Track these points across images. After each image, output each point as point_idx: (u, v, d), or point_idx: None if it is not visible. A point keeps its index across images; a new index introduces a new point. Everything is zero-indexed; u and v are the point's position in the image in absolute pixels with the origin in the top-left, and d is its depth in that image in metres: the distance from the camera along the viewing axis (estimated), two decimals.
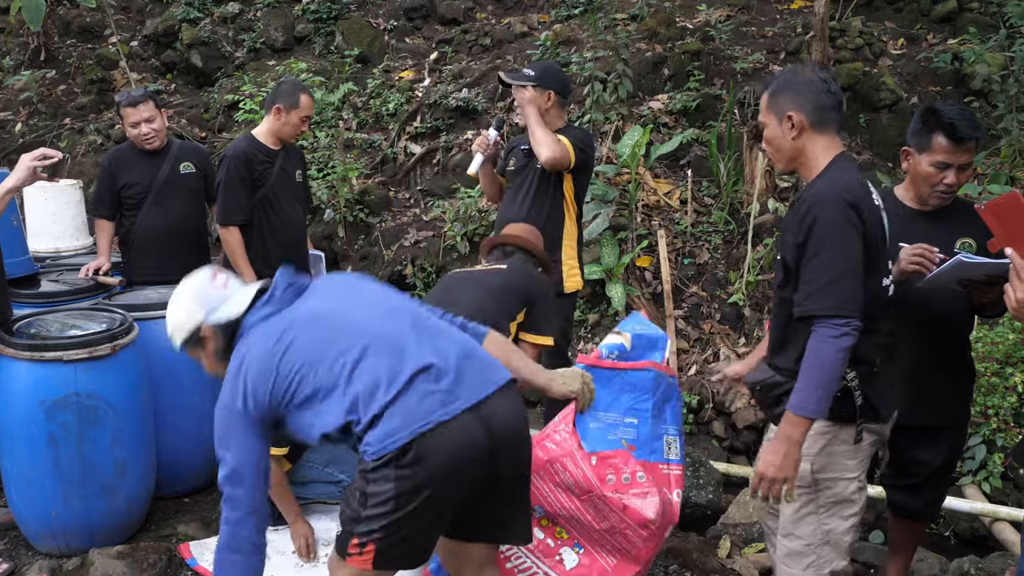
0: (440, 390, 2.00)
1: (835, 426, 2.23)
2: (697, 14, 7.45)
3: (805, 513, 2.29)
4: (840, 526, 2.29)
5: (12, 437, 3.23)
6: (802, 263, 2.13)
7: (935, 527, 3.77)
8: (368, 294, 2.26)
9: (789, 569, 2.35)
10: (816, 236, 2.10)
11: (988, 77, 6.11)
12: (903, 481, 2.88)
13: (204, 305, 2.21)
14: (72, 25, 9.08)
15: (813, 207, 2.12)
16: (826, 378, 2.07)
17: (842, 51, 6.64)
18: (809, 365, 2.08)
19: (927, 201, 2.64)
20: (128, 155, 4.17)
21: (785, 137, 2.25)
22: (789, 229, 2.21)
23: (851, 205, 2.11)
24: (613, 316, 5.36)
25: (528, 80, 3.66)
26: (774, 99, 2.28)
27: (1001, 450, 3.74)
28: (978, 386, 3.84)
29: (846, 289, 2.07)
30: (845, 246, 2.09)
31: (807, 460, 2.23)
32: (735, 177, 5.66)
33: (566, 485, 2.45)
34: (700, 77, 6.59)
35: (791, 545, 2.33)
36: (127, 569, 3.07)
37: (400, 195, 6.92)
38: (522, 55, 7.44)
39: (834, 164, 2.22)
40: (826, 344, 2.06)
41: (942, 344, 2.71)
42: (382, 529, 1.98)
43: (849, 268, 2.08)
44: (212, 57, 8.59)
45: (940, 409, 2.73)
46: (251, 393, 2.06)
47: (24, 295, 3.79)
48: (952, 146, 2.51)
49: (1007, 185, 5.35)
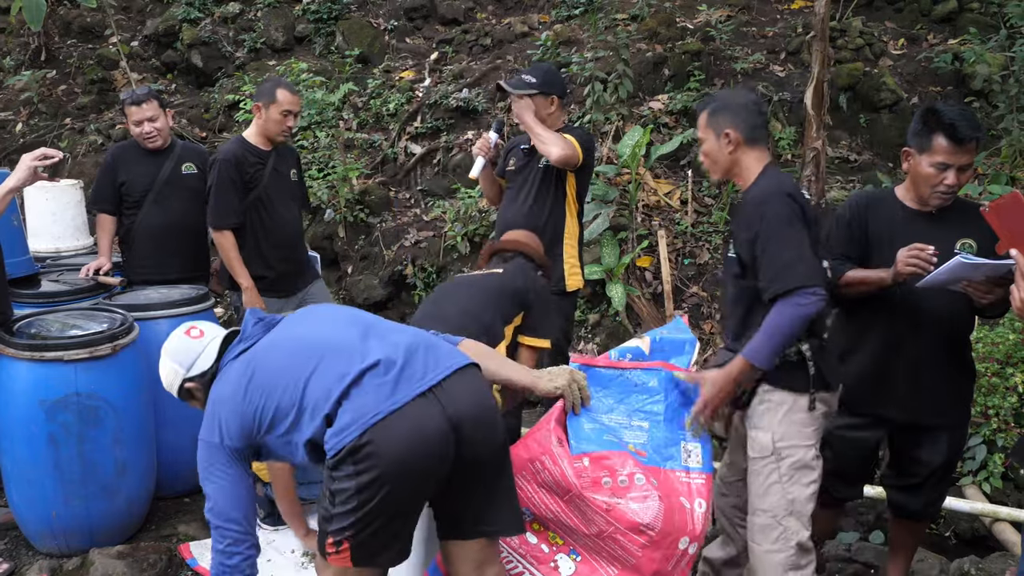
0: (388, 380, 2.04)
1: (792, 395, 2.46)
2: (697, 14, 7.45)
3: (770, 484, 2.48)
4: (802, 494, 2.48)
5: (12, 437, 3.23)
6: (758, 254, 2.39)
7: (935, 527, 3.77)
8: (328, 315, 2.36)
9: (759, 546, 2.51)
10: (768, 227, 2.37)
11: (988, 77, 6.11)
12: (903, 481, 2.88)
13: (183, 364, 2.34)
14: (73, 25, 9.08)
15: (761, 204, 2.41)
16: (781, 336, 2.35)
17: (842, 51, 6.64)
18: (770, 322, 2.35)
19: (928, 202, 2.65)
20: (131, 153, 4.17)
21: (722, 151, 2.54)
22: (740, 227, 2.48)
23: (792, 198, 2.41)
24: (613, 316, 5.36)
25: (531, 88, 3.63)
26: (713, 118, 2.56)
27: (1001, 450, 3.74)
28: (978, 386, 3.84)
29: (806, 264, 2.34)
30: (795, 231, 2.36)
31: (768, 432, 2.48)
32: None
33: (548, 485, 2.37)
34: (700, 77, 6.59)
35: (759, 521, 2.51)
36: (127, 569, 3.07)
37: (400, 195, 6.92)
38: (522, 55, 7.44)
39: (766, 171, 2.52)
40: (791, 308, 2.32)
41: (943, 344, 2.71)
42: (352, 526, 2.00)
43: (803, 249, 2.35)
44: (212, 57, 8.59)
45: (941, 409, 2.74)
46: (225, 427, 2.15)
47: (24, 295, 3.79)
48: (953, 147, 2.52)
49: (1007, 185, 5.34)
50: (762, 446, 2.48)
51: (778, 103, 6.30)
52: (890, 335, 2.71)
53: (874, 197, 2.82)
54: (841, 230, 2.76)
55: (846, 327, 2.78)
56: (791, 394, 2.47)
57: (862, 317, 2.74)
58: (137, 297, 3.84)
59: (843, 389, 2.65)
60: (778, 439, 2.47)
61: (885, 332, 2.72)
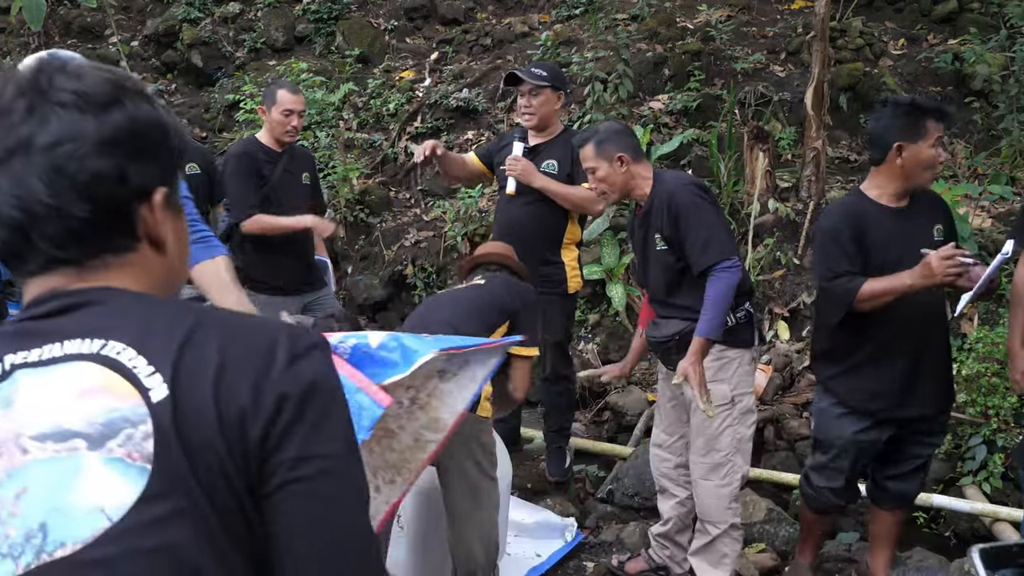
0: None
1: (741, 351, 2.88)
2: (698, 14, 7.45)
3: (725, 427, 2.88)
4: (746, 433, 2.94)
5: None
6: (682, 240, 2.77)
7: (935, 527, 3.77)
8: None
9: (710, 482, 2.92)
10: (684, 215, 2.76)
11: (989, 77, 6.11)
12: (901, 469, 2.95)
13: None
14: (73, 25, 9.07)
15: (671, 198, 2.79)
16: (723, 307, 2.72)
17: (843, 51, 6.64)
18: (710, 300, 2.70)
19: (925, 185, 2.81)
20: None
21: (617, 173, 2.88)
22: (662, 224, 2.83)
23: (694, 184, 2.88)
24: (614, 316, 5.36)
25: (544, 81, 3.60)
26: (600, 148, 2.89)
27: (1001, 450, 3.74)
28: (979, 386, 3.84)
29: (722, 238, 2.75)
30: (706, 213, 2.77)
31: (727, 383, 2.86)
32: (735, 177, 5.66)
33: None
34: (700, 77, 6.59)
35: (712, 459, 2.91)
36: None
37: (400, 195, 6.92)
38: (523, 55, 7.44)
39: (658, 176, 2.93)
40: (721, 282, 2.70)
41: (937, 332, 2.86)
42: None
43: (715, 226, 2.77)
44: (213, 57, 8.59)
45: (944, 396, 2.92)
46: None
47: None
48: (941, 126, 2.73)
49: (1007, 185, 5.35)
50: (722, 395, 2.84)
51: (778, 103, 6.30)
52: (892, 334, 2.75)
53: (856, 205, 2.82)
54: (842, 245, 2.71)
55: (848, 337, 2.81)
56: (741, 350, 2.88)
57: (857, 324, 2.76)
58: None
59: (861, 395, 2.80)
60: (733, 388, 2.87)
61: (887, 332, 2.75)
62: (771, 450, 4.26)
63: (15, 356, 0.83)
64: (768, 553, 3.43)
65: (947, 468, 3.90)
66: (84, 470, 0.77)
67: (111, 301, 0.87)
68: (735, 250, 2.78)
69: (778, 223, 5.40)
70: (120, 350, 0.82)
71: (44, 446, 0.77)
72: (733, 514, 2.94)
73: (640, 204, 2.97)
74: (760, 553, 3.43)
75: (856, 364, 2.81)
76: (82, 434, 0.78)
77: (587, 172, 2.99)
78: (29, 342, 0.84)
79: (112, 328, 0.84)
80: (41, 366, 0.82)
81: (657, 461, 3.18)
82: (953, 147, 5.92)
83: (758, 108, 6.32)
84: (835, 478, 2.93)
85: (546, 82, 3.60)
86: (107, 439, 0.78)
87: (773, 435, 4.33)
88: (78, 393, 0.79)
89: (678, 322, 2.89)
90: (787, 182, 5.71)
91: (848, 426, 2.84)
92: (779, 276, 5.19)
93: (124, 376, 0.80)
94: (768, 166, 5.53)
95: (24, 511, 0.75)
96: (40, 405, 0.79)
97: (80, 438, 0.77)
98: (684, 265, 2.83)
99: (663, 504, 3.21)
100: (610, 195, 2.97)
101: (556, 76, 3.68)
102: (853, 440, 2.85)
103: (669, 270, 2.88)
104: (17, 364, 0.82)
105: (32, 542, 0.75)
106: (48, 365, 0.82)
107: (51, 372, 0.81)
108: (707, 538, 2.97)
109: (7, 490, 0.76)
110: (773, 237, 5.34)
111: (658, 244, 2.88)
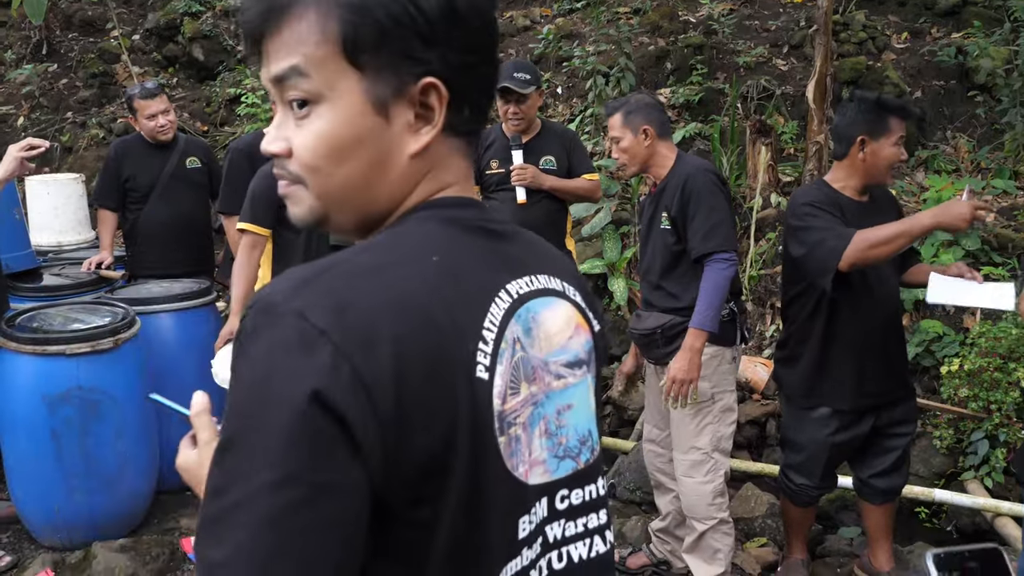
0: None
1: (722, 349, 2.88)
2: (700, 8, 7.43)
3: (705, 424, 2.90)
4: (727, 432, 2.95)
5: (15, 431, 3.23)
6: (687, 221, 2.76)
7: (936, 521, 3.77)
8: None
9: (693, 479, 2.93)
10: (695, 198, 2.75)
11: (992, 71, 6.08)
12: (882, 465, 2.98)
13: None
14: (74, 19, 9.07)
15: (687, 180, 2.77)
16: (718, 300, 2.71)
17: (845, 45, 6.62)
18: (706, 291, 2.71)
19: (885, 181, 2.86)
20: (135, 147, 4.16)
21: (641, 145, 2.87)
22: (672, 203, 2.81)
23: (713, 173, 2.85)
24: (615, 310, 5.36)
25: (533, 86, 3.53)
26: (628, 117, 2.87)
27: (1003, 445, 3.74)
28: (980, 381, 3.84)
29: (726, 230, 2.75)
30: (718, 201, 2.76)
31: (707, 381, 2.84)
32: (738, 171, 5.65)
33: None
34: (703, 71, 6.57)
35: (693, 457, 2.92)
36: (130, 562, 3.08)
37: None
38: (524, 49, 7.42)
39: (680, 157, 2.90)
40: (717, 274, 2.71)
41: (895, 316, 2.95)
42: None
43: (724, 216, 2.76)
44: (214, 51, 8.57)
45: (901, 380, 2.98)
46: None
47: (26, 289, 3.79)
48: (903, 125, 2.77)
49: (1010, 180, 5.34)
50: (702, 392, 2.84)
51: (781, 97, 6.29)
52: (857, 322, 2.80)
53: (826, 194, 2.83)
54: (828, 210, 2.72)
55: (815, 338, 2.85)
56: (722, 348, 2.88)
57: (821, 322, 2.83)
58: (139, 291, 3.84)
59: (835, 395, 2.84)
60: (712, 385, 2.88)
61: (852, 322, 2.80)
62: (772, 444, 4.25)
63: (516, 285, 0.89)
64: (770, 547, 3.44)
65: (949, 463, 3.90)
66: (590, 389, 0.97)
67: (520, 234, 0.97)
68: (736, 246, 2.79)
69: (780, 217, 5.39)
70: (568, 289, 0.96)
71: (574, 372, 0.94)
72: (718, 509, 2.95)
73: (655, 183, 2.96)
74: (762, 547, 3.43)
75: (819, 362, 2.85)
76: (584, 361, 0.96)
77: (611, 141, 2.96)
78: (515, 270, 0.90)
79: (538, 265, 0.94)
80: (538, 296, 0.91)
81: (651, 456, 3.20)
82: (956, 141, 5.90)
83: (760, 102, 6.30)
84: (813, 475, 2.99)
85: (533, 85, 3.56)
86: (585, 364, 0.96)
87: (774, 429, 4.32)
88: (573, 326, 0.95)
89: (659, 315, 2.92)
90: (790, 176, 5.70)
91: (820, 428, 2.90)
92: (780, 271, 5.18)
93: (580, 312, 0.96)
94: (771, 160, 5.52)
95: (569, 423, 0.93)
96: (553, 335, 0.92)
97: (584, 365, 0.96)
98: (682, 248, 2.83)
99: (660, 499, 3.23)
100: (629, 167, 2.95)
101: (536, 73, 3.63)
102: (824, 442, 2.91)
103: (667, 250, 2.89)
104: (523, 294, 0.89)
105: (587, 444, 0.95)
106: (541, 297, 0.92)
107: (549, 305, 0.92)
108: (695, 534, 2.99)
109: (548, 408, 0.90)
110: (775, 231, 5.33)
111: (663, 222, 2.88)
